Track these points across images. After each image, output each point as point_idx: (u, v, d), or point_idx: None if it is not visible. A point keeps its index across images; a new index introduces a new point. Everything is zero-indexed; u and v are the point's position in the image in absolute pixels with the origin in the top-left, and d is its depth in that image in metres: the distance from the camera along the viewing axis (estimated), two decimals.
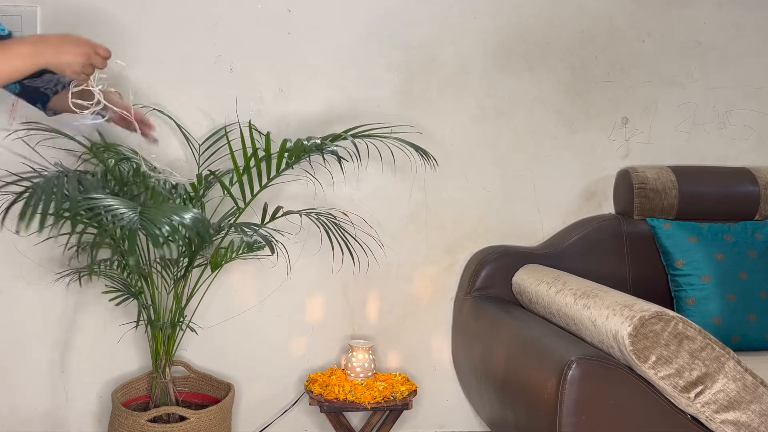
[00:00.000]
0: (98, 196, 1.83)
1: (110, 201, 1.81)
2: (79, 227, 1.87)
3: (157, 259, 2.21)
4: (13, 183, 1.83)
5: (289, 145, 2.19)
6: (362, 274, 2.53)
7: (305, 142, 2.18)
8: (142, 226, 1.70)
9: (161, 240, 1.69)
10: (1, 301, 2.38)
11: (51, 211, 1.63)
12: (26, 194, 1.68)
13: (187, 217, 1.81)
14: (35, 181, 1.78)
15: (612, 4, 2.62)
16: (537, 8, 2.58)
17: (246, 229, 2.09)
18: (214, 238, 2.18)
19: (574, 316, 1.98)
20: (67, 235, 2.11)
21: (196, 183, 2.22)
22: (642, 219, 2.55)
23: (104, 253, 2.18)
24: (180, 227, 1.79)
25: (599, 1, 2.61)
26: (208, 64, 2.43)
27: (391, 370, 2.59)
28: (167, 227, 1.72)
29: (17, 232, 1.60)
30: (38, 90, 1.96)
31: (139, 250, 2.11)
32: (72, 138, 2.25)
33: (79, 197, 1.77)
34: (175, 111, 2.41)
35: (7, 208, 1.70)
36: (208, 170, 2.32)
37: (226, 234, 2.16)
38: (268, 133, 2.22)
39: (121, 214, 1.75)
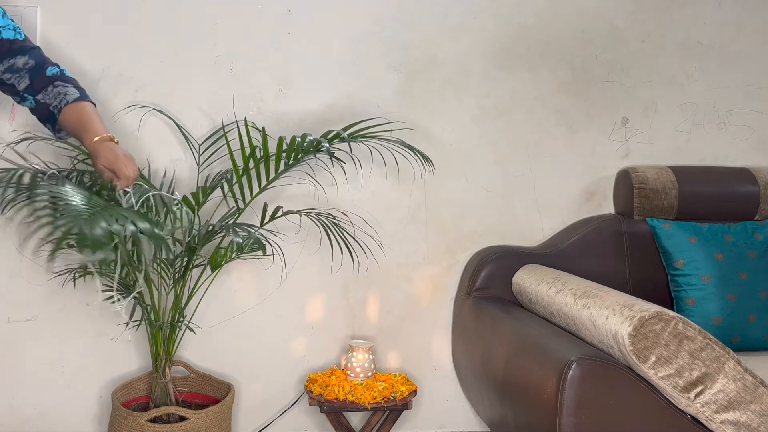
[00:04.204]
0: (59, 191, 1.72)
1: (69, 197, 1.70)
2: (30, 215, 1.77)
3: (156, 259, 2.20)
4: None
5: (285, 142, 2.18)
6: (362, 274, 2.53)
7: (299, 140, 2.18)
8: (80, 224, 1.56)
9: (87, 243, 1.55)
10: (1, 301, 2.38)
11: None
12: None
13: (137, 226, 1.66)
14: None
15: (612, 4, 2.62)
16: (537, 8, 2.58)
17: (238, 230, 2.07)
18: (212, 239, 2.17)
19: (574, 316, 1.98)
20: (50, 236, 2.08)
21: (197, 193, 2.20)
22: (642, 219, 2.55)
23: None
24: (118, 235, 1.64)
25: (599, 1, 2.61)
26: (208, 64, 2.43)
27: (391, 370, 2.59)
28: (101, 231, 1.58)
29: None
30: (48, 108, 1.92)
31: (140, 251, 2.10)
32: (66, 141, 2.24)
33: (36, 190, 1.67)
34: (175, 111, 2.41)
35: None
36: (207, 185, 2.31)
37: (226, 235, 2.16)
38: (263, 129, 2.22)
39: (71, 209, 1.63)
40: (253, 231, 2.09)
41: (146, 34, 2.39)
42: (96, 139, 1.85)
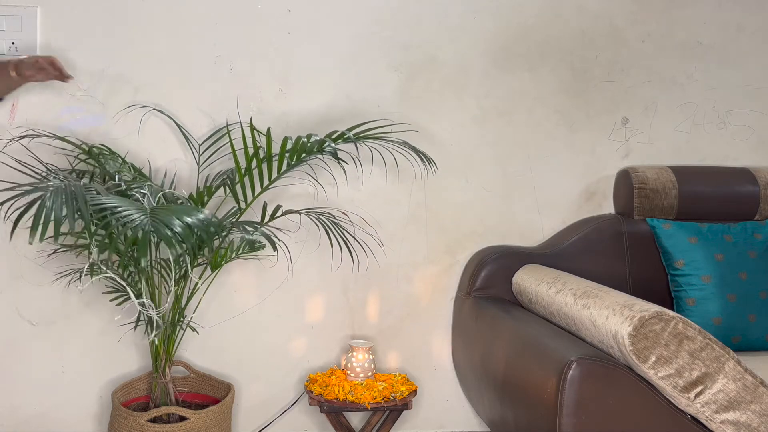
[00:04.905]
0: (109, 200, 1.83)
1: (120, 205, 1.81)
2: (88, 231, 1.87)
3: (161, 260, 2.20)
4: (21, 193, 1.80)
5: (289, 143, 2.19)
6: (362, 274, 2.53)
7: (305, 140, 2.18)
8: (154, 228, 1.71)
9: (174, 241, 1.71)
10: (1, 301, 2.38)
11: (62, 222, 1.64)
12: (36, 205, 1.67)
13: (199, 218, 1.83)
14: (42, 191, 1.75)
15: (612, 4, 2.62)
16: (537, 8, 2.58)
17: (248, 227, 2.09)
18: (217, 237, 2.17)
19: (574, 316, 1.98)
20: (75, 238, 2.10)
21: (202, 192, 2.21)
22: (642, 219, 2.55)
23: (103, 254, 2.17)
24: (191, 228, 1.80)
25: (599, 1, 2.61)
26: (208, 64, 2.43)
27: (391, 370, 2.59)
28: (179, 228, 1.73)
29: (30, 242, 1.60)
30: None
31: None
32: (70, 142, 2.25)
33: (92, 203, 1.78)
34: (175, 111, 2.41)
35: (18, 218, 1.70)
36: (210, 184, 2.31)
37: (228, 233, 2.16)
38: (268, 130, 2.22)
39: (130, 217, 1.75)
40: (260, 228, 2.12)
41: (146, 34, 2.39)
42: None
